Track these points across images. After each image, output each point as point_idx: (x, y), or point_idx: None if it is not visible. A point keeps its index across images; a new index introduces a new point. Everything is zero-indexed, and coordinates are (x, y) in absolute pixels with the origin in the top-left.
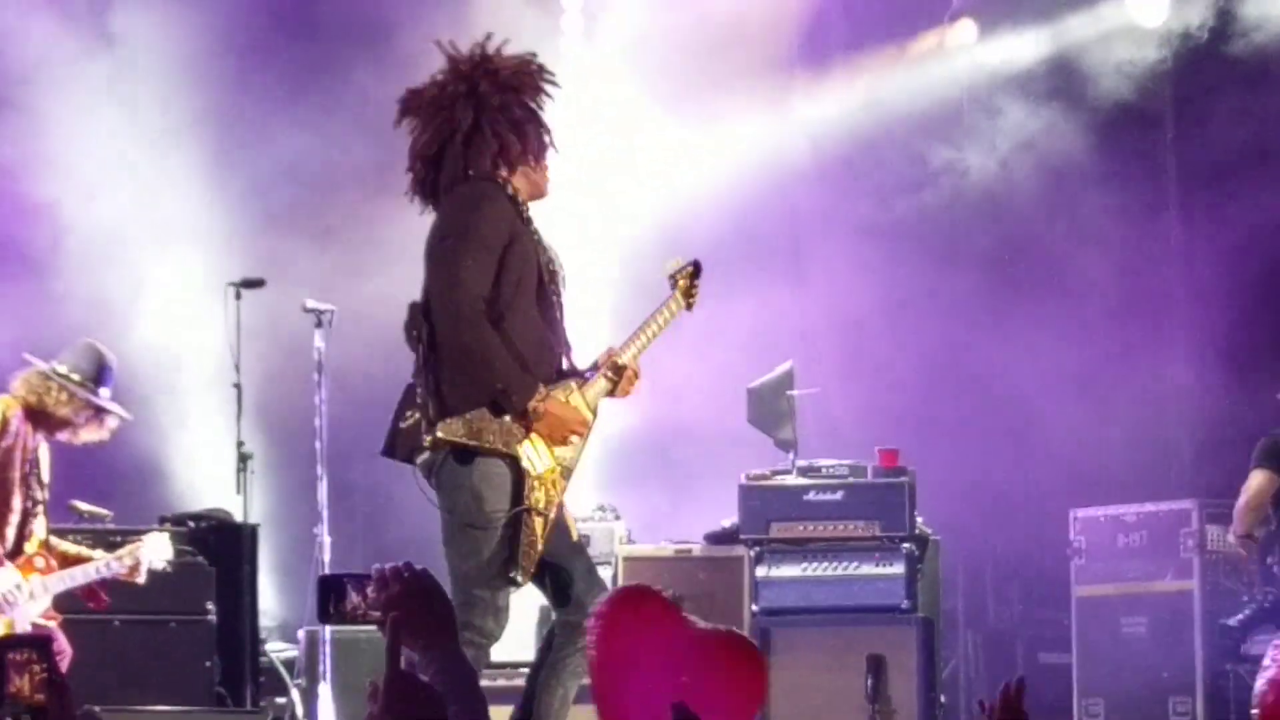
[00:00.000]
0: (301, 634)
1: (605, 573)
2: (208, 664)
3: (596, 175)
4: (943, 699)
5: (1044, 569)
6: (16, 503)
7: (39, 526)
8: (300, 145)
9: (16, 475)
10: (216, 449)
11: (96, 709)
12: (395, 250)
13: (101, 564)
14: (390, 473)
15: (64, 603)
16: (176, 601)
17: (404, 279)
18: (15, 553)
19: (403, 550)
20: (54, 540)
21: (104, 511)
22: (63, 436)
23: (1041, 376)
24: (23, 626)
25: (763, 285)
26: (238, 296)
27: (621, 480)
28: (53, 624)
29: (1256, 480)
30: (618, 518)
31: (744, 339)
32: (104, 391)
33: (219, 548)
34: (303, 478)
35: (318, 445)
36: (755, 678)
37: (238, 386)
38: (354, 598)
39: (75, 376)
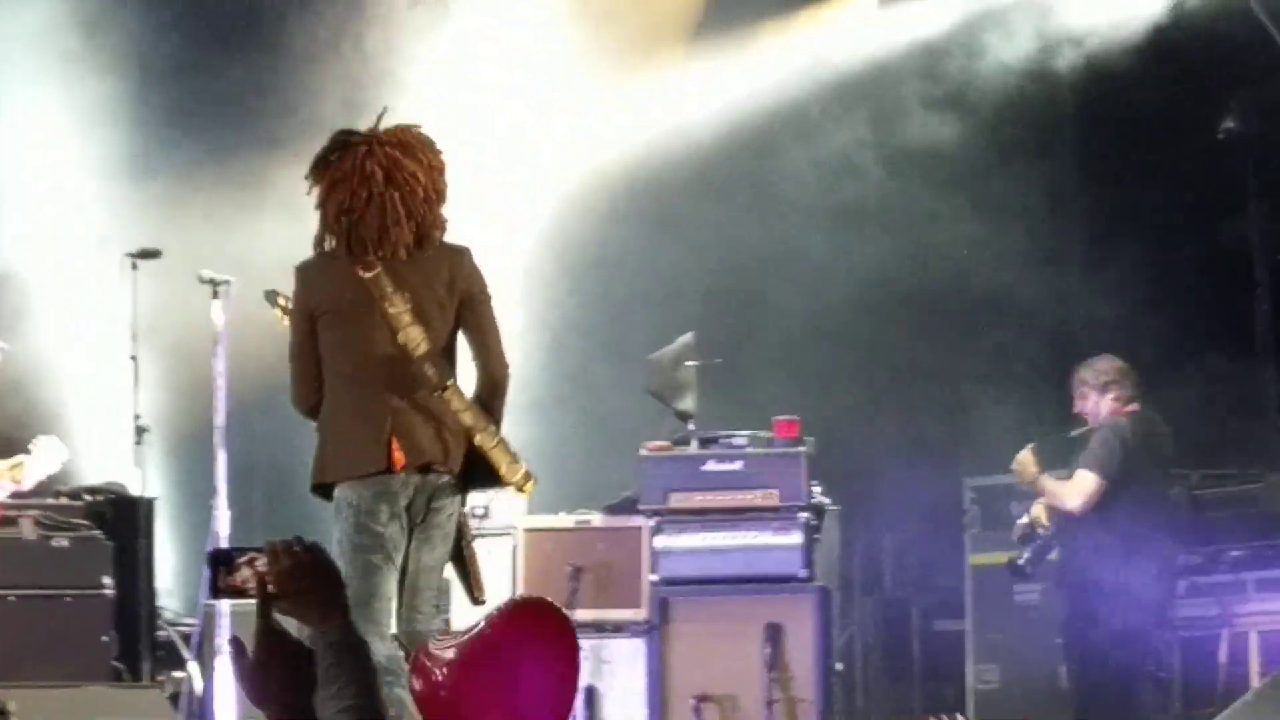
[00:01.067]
0: (201, 608)
1: (506, 545)
2: (104, 639)
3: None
4: (839, 666)
5: (939, 537)
6: None
7: None
8: (200, 114)
9: None
10: (114, 422)
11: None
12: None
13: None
14: (289, 448)
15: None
16: (73, 575)
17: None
18: None
19: (301, 526)
20: None
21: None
22: None
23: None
24: None
25: (667, 253)
26: (134, 267)
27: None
28: None
29: None
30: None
31: (645, 306)
32: None
33: (116, 521)
34: (204, 452)
35: (216, 419)
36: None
37: (134, 359)
38: (244, 572)
39: None
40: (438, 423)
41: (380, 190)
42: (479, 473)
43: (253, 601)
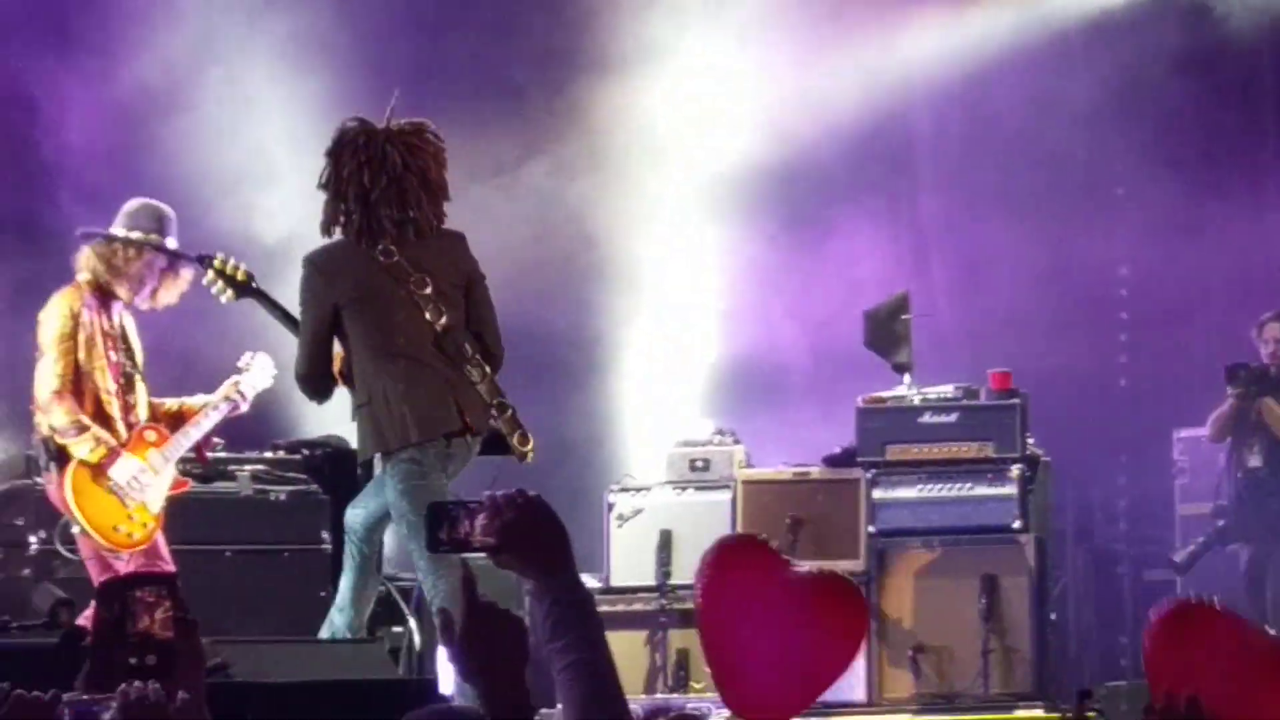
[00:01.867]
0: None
1: (725, 497)
2: (322, 593)
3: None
4: (1053, 616)
5: (1149, 488)
6: (112, 386)
7: (140, 402)
8: None
9: (104, 361)
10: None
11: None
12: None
13: (211, 410)
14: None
15: (175, 531)
16: (291, 531)
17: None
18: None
19: (525, 478)
20: (154, 403)
21: (215, 439)
22: (143, 301)
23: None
24: (157, 506)
25: (880, 211)
26: None
27: (738, 404)
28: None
29: None
30: (736, 442)
31: (860, 265)
32: (170, 241)
33: (334, 476)
34: None
35: None
36: (856, 618)
37: None
38: (465, 525)
39: (136, 234)
40: (477, 393)
41: (399, 175)
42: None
43: (476, 555)
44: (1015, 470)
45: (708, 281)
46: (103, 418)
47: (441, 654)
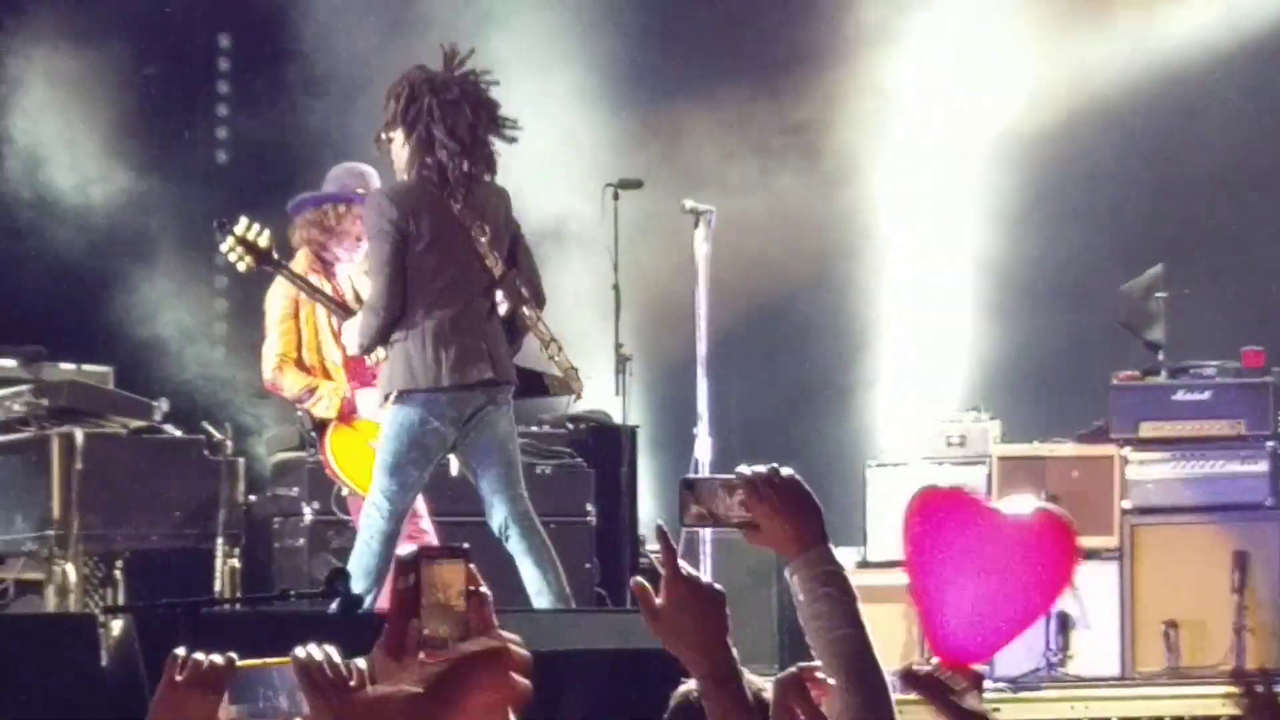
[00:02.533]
0: (681, 535)
1: (980, 472)
2: (587, 565)
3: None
4: None
5: None
6: (337, 356)
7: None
8: (683, 42)
9: (329, 334)
10: (597, 351)
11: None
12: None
13: None
14: (767, 380)
15: (445, 503)
16: (556, 503)
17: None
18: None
19: (780, 454)
20: None
21: None
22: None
23: None
24: None
25: (1131, 191)
26: (615, 197)
27: (994, 379)
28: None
29: None
30: (992, 417)
31: (1109, 242)
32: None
33: (599, 449)
34: (685, 381)
35: (699, 348)
36: (1064, 557)
37: (616, 288)
38: (722, 501)
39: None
40: (504, 342)
41: (471, 125)
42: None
43: (728, 530)
44: (1268, 446)
45: (962, 258)
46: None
47: None
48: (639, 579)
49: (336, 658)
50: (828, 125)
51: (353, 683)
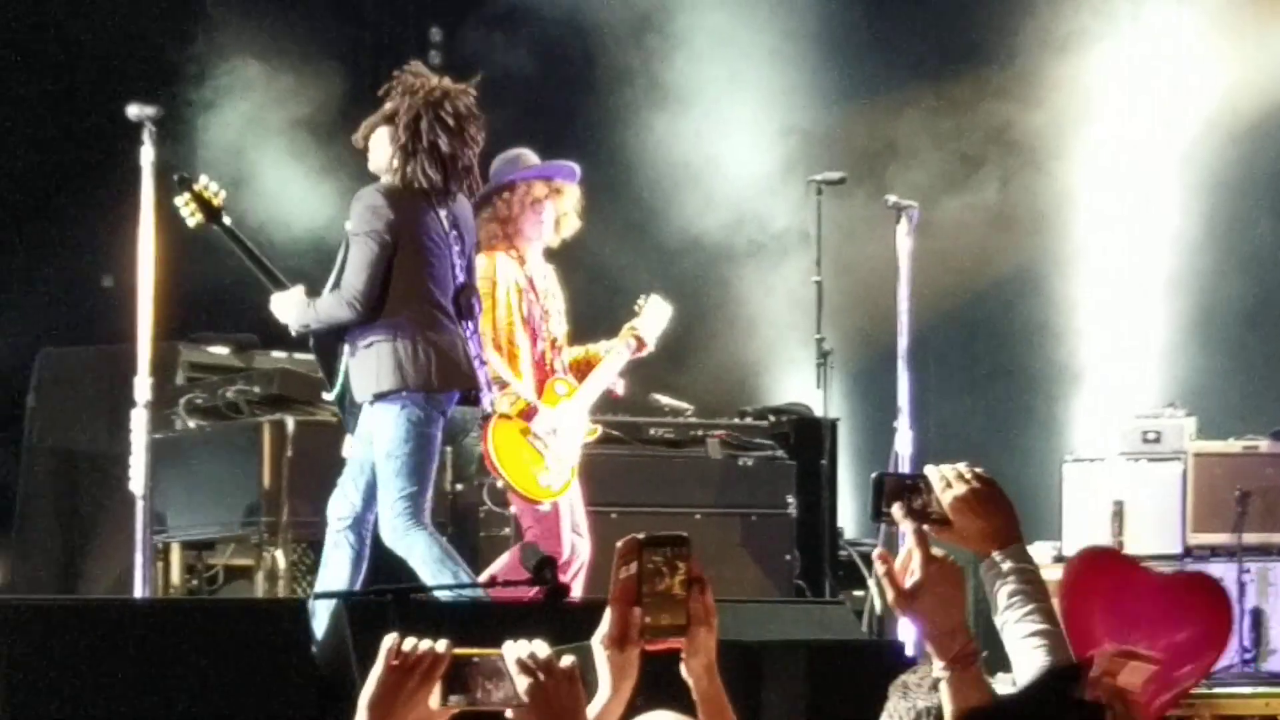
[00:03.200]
0: (882, 529)
1: (1175, 469)
2: (788, 557)
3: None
4: None
5: None
6: (524, 343)
7: (559, 353)
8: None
9: (518, 318)
10: (799, 344)
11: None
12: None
13: (612, 356)
14: (973, 374)
15: (648, 494)
16: (757, 495)
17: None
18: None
19: (973, 453)
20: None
21: (684, 405)
22: (547, 238)
23: None
24: (574, 457)
25: None
26: (819, 193)
27: (1191, 376)
28: (592, 439)
29: None
30: (1188, 414)
31: None
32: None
33: (799, 442)
34: (886, 375)
35: (900, 342)
36: (1218, 620)
37: (818, 283)
38: (919, 498)
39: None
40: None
41: (459, 133)
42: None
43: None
44: None
45: (1158, 255)
46: (520, 373)
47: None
48: (882, 550)
49: (546, 650)
50: (1029, 124)
51: (564, 672)
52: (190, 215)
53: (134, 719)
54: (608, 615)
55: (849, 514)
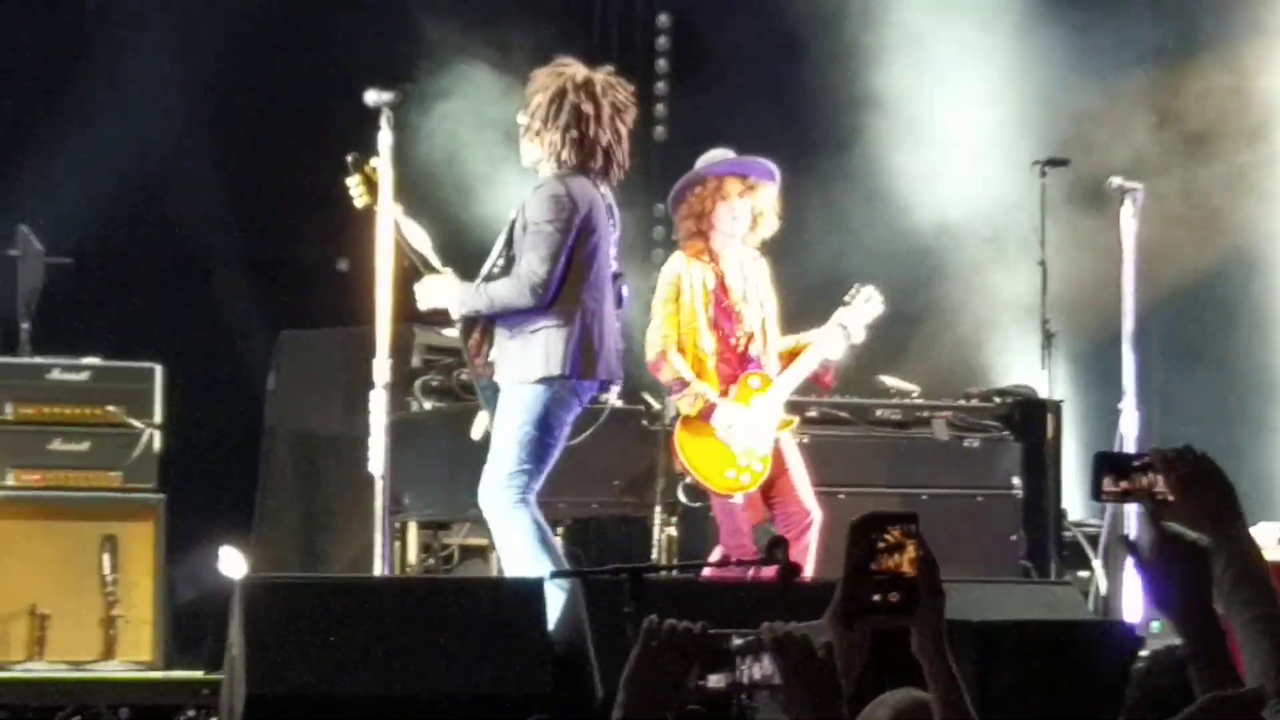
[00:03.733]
0: (1109, 510)
1: None
2: (1013, 538)
3: None
4: None
5: None
6: (709, 344)
7: (758, 349)
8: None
9: (704, 320)
10: (1023, 326)
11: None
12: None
13: (815, 347)
14: (1187, 353)
15: (877, 474)
16: (983, 476)
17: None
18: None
19: (1200, 429)
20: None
21: (910, 386)
22: (744, 236)
23: None
24: (766, 448)
25: None
26: (1042, 175)
27: None
28: (786, 433)
29: None
30: None
31: None
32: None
33: (1024, 423)
34: (1111, 355)
35: (1125, 324)
36: None
37: (1042, 264)
38: (1133, 477)
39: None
40: None
41: (618, 123)
42: None
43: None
44: None
45: None
46: (706, 373)
47: (1129, 599)
48: (1126, 534)
49: (804, 630)
50: (1253, 105)
51: (823, 653)
52: (359, 196)
53: (373, 694)
54: (837, 593)
55: (1074, 495)
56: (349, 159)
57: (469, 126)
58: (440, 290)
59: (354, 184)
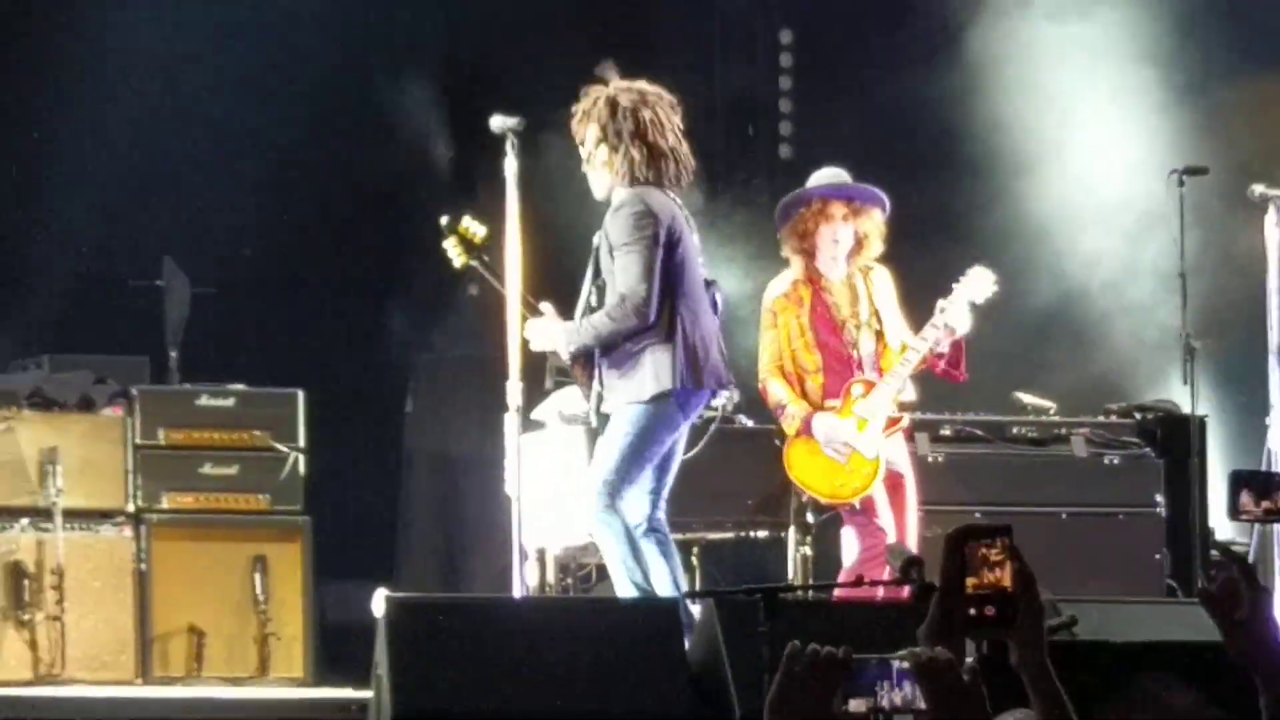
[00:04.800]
0: (1256, 528)
1: None
2: (1157, 556)
3: None
4: None
5: None
6: (810, 365)
7: (869, 362)
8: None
9: (803, 341)
10: (1164, 340)
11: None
12: None
13: (910, 350)
14: None
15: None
16: (1125, 494)
17: None
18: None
19: None
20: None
21: (1047, 403)
22: (845, 258)
23: None
24: (873, 452)
25: None
26: (1181, 184)
27: None
28: (899, 433)
29: None
30: None
31: None
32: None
33: (1166, 440)
34: (1257, 369)
35: (1271, 337)
36: None
37: (1182, 276)
38: (1265, 496)
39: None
40: None
41: (667, 131)
42: None
43: None
44: None
45: None
46: (807, 390)
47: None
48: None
49: (948, 655)
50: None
51: (969, 678)
52: (457, 257)
53: (514, 714)
54: (933, 608)
55: (1221, 513)
56: (441, 222)
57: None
58: (547, 332)
59: (450, 246)
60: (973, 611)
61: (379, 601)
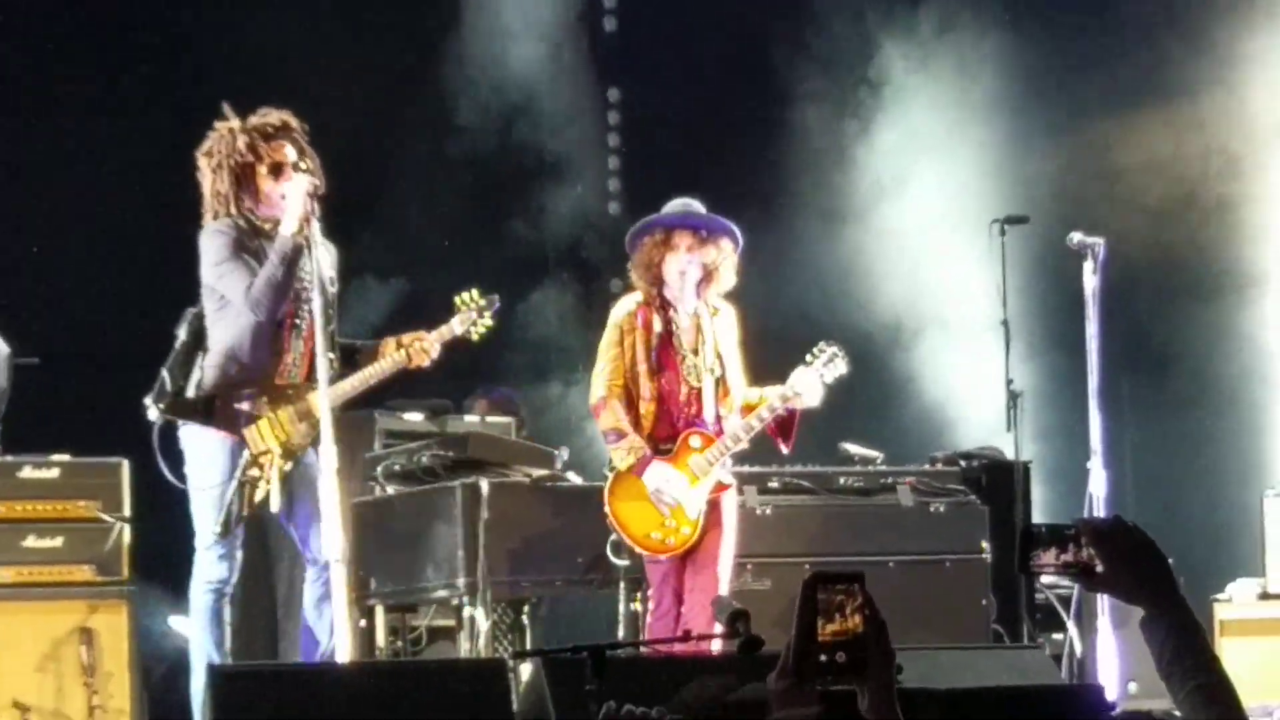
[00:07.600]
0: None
1: None
2: (984, 602)
3: None
4: None
5: None
6: (648, 393)
7: (708, 404)
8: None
9: (644, 368)
10: (987, 387)
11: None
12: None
13: (764, 409)
14: (1157, 410)
15: (842, 543)
16: (951, 541)
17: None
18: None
19: (1172, 486)
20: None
21: (873, 453)
22: (683, 294)
23: None
24: (695, 511)
25: None
26: (1002, 233)
27: None
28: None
29: None
30: None
31: None
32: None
33: (991, 486)
34: (1077, 416)
35: (1090, 381)
36: None
37: (1005, 323)
38: (1067, 550)
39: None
40: None
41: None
42: None
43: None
44: None
45: None
46: (641, 425)
47: (1104, 661)
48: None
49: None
50: (1219, 156)
51: None
52: (476, 334)
53: None
54: (784, 655)
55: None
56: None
57: None
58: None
59: (463, 320)
60: (824, 658)
61: (177, 623)
